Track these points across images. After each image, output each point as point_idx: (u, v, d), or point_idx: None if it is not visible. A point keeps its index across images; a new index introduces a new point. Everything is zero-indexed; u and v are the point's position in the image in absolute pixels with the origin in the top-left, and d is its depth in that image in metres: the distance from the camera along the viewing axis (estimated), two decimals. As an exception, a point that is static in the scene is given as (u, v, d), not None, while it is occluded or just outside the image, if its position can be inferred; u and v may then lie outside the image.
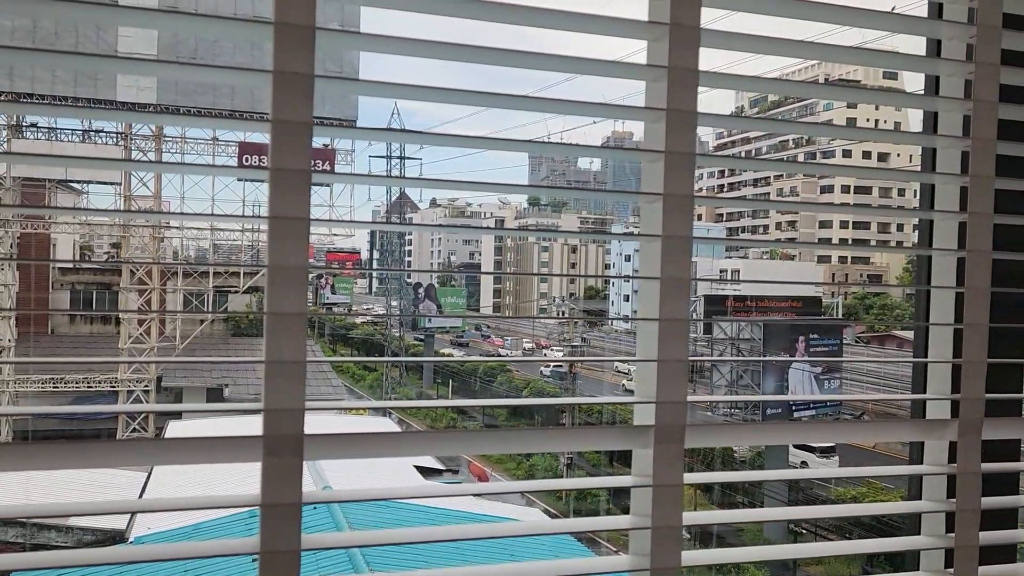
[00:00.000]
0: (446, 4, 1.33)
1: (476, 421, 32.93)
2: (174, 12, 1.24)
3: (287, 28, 1.20)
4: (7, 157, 12.41)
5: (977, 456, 1.60)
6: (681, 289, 1.41)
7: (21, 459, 1.20)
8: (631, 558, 1.43)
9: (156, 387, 25.96)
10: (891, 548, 1.62)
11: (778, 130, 1.68)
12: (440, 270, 58.79)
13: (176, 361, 1.57)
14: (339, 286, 61.24)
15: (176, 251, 36.40)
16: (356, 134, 1.62)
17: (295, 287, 1.23)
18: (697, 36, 1.40)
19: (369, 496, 1.35)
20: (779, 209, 12.86)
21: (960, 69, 1.61)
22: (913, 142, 1.68)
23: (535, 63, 1.39)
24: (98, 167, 1.44)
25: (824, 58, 1.64)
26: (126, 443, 1.26)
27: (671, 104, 1.39)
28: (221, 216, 1.93)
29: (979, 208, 1.59)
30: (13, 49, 1.16)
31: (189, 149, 26.56)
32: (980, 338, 1.59)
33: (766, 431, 1.57)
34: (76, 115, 2.02)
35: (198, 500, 1.28)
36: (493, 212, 79.53)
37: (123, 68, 1.29)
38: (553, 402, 2.83)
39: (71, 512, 1.31)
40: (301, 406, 1.23)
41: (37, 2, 1.18)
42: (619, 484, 1.41)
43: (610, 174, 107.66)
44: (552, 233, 51.05)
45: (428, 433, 1.38)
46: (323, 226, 30.85)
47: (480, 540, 1.37)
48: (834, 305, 46.02)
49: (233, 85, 2.78)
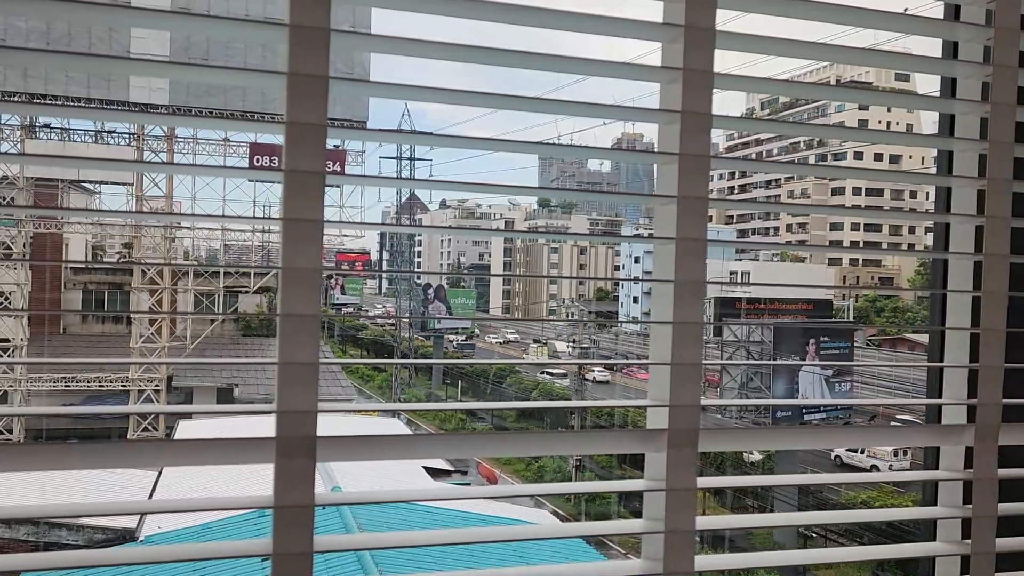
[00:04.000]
0: (460, 6, 1.32)
1: (485, 422, 32.93)
2: (188, 14, 1.24)
3: (301, 30, 1.20)
4: (21, 159, 12.50)
5: (994, 462, 1.58)
6: (695, 292, 1.41)
7: (37, 460, 1.21)
8: (643, 562, 1.42)
9: (167, 386, 26.09)
10: (907, 554, 1.60)
11: (792, 133, 1.67)
12: (449, 272, 58.80)
13: (188, 363, 1.57)
14: (348, 287, 61.36)
15: (187, 251, 36.56)
16: (368, 136, 1.61)
17: (308, 289, 1.22)
18: (712, 38, 1.39)
19: (381, 499, 1.35)
20: (792, 212, 12.24)
21: (977, 71, 1.59)
22: (930, 145, 1.66)
23: (548, 65, 1.39)
24: (111, 168, 1.44)
25: (839, 60, 1.62)
26: (140, 444, 1.26)
27: (685, 106, 1.38)
28: (233, 218, 1.93)
29: (997, 212, 1.57)
30: (28, 51, 1.16)
31: (200, 150, 26.67)
32: (997, 343, 1.58)
33: (779, 436, 1.56)
34: (88, 116, 2.03)
35: (210, 501, 1.28)
36: (503, 213, 79.57)
37: (136, 70, 1.29)
38: (568, 405, 2.82)
39: (84, 513, 1.31)
40: (314, 408, 1.23)
41: (51, 5, 1.18)
42: (632, 488, 1.41)
43: (621, 175, 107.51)
44: (562, 235, 51.00)
45: (440, 436, 1.37)
46: (333, 227, 30.88)
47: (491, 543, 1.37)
48: (845, 308, 45.81)
49: (244, 86, 2.77)
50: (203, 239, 33.89)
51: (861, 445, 1.60)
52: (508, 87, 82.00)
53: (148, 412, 17.62)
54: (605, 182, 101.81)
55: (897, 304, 50.05)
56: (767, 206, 1.57)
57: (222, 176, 27.10)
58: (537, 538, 1.38)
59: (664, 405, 1.39)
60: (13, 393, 24.80)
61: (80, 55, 1.23)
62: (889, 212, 1.62)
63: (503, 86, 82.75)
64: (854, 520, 1.64)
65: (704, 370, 1.45)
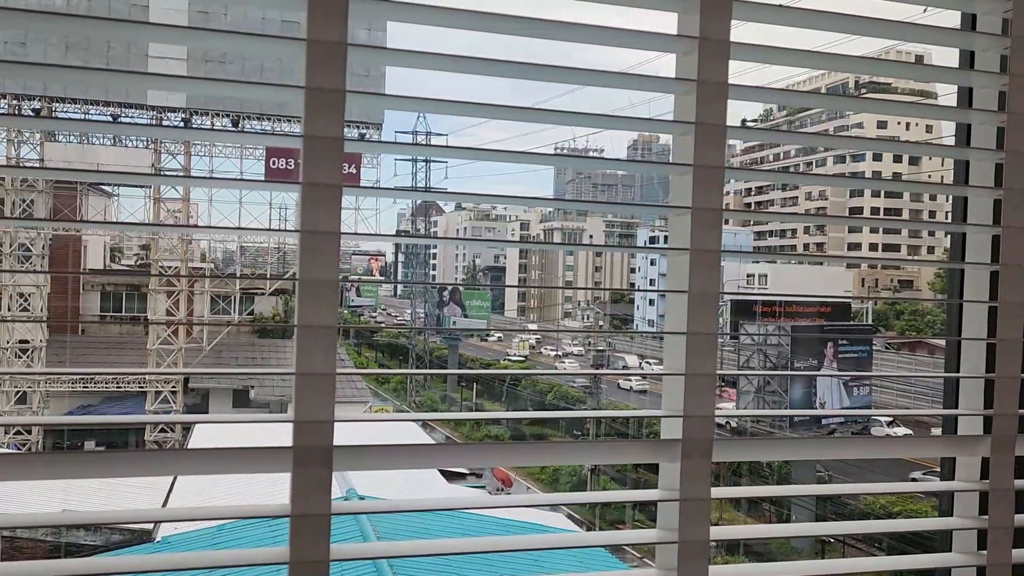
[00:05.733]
0: (479, 20, 1.33)
1: (501, 426, 32.95)
2: (207, 30, 1.26)
3: (319, 45, 1.21)
4: (43, 172, 12.76)
5: (1010, 473, 1.57)
6: (709, 303, 1.41)
7: (56, 469, 1.24)
8: (657, 571, 1.43)
9: (183, 388, 26.25)
10: (923, 565, 1.60)
11: (809, 143, 1.67)
12: (464, 284, 58.69)
13: (206, 373, 1.58)
14: (364, 290, 61.53)
15: (204, 252, 36.82)
16: (384, 148, 1.63)
17: (325, 300, 1.24)
18: (727, 50, 1.39)
19: (398, 508, 1.36)
20: (808, 222, 12.36)
21: (994, 81, 1.59)
22: (946, 155, 1.66)
23: (564, 76, 1.40)
24: (130, 182, 1.46)
25: (855, 70, 1.62)
26: (158, 453, 1.28)
27: (700, 118, 1.39)
28: (250, 229, 1.96)
29: (1014, 221, 1.57)
30: (53, 67, 1.19)
31: (218, 152, 26.84)
32: (1014, 353, 1.57)
33: (795, 446, 1.55)
34: (106, 131, 2.05)
35: (226, 510, 1.30)
36: (518, 215, 79.52)
37: (156, 84, 1.31)
38: (583, 414, 2.83)
39: (103, 521, 1.33)
40: (331, 418, 1.25)
41: (73, 21, 1.20)
42: (646, 498, 1.41)
43: (637, 177, 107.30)
44: (576, 247, 51.02)
45: (456, 446, 1.38)
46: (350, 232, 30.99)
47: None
48: (864, 311, 45.47)
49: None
50: (220, 241, 34.13)
51: (877, 455, 1.59)
52: (521, 89, 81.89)
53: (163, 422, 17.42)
54: (620, 183, 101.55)
55: (917, 307, 49.60)
56: (782, 216, 1.57)
57: (238, 188, 27.28)
58: (554, 547, 1.39)
59: (678, 415, 1.40)
60: (32, 394, 25.04)
61: (102, 71, 1.25)
62: (906, 222, 1.62)
63: (517, 88, 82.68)
64: (871, 531, 1.63)
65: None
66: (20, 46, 22.12)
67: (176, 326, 25.59)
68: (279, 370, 1.35)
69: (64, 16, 1.19)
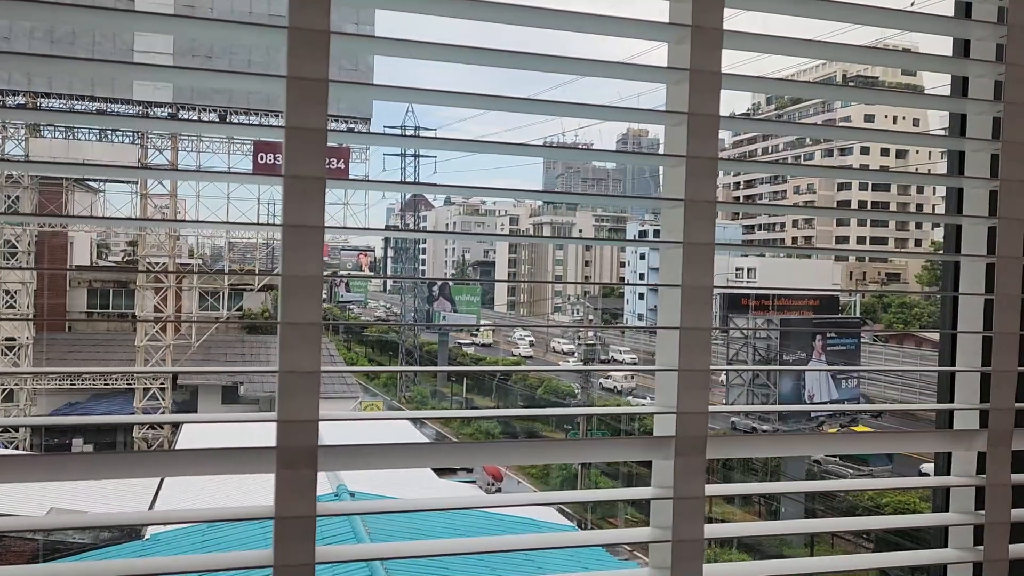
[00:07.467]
0: (465, 7, 1.30)
1: (491, 421, 32.96)
2: (189, 17, 1.22)
3: (301, 33, 1.17)
4: (28, 166, 12.51)
5: (1007, 468, 1.56)
6: (703, 297, 1.38)
7: (41, 471, 1.22)
8: (651, 571, 1.40)
9: (172, 384, 26.10)
10: (919, 561, 1.58)
11: (800, 134, 1.64)
12: (453, 278, 58.64)
13: (193, 372, 1.55)
14: (354, 285, 61.37)
15: (192, 248, 36.61)
16: (371, 140, 1.60)
17: (309, 297, 1.20)
18: (719, 38, 1.37)
19: (387, 509, 1.33)
20: (802, 215, 12.31)
21: (990, 70, 1.56)
22: (941, 145, 1.64)
23: (553, 66, 1.36)
24: (116, 176, 1.42)
25: (848, 59, 1.60)
26: (142, 455, 1.24)
27: (692, 108, 1.36)
28: (235, 224, 1.90)
29: (1010, 212, 1.55)
30: (35, 56, 1.15)
31: (205, 147, 26.67)
32: (1011, 346, 1.55)
33: (788, 442, 1.53)
34: (92, 124, 2.00)
35: (211, 512, 1.26)
36: (508, 210, 79.44)
37: (140, 75, 1.28)
38: (579, 412, 2.80)
39: (91, 524, 1.30)
40: (316, 417, 1.21)
41: (54, 9, 1.16)
42: (639, 496, 1.39)
43: (626, 171, 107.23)
44: (566, 240, 50.99)
45: (444, 445, 1.35)
46: (337, 228, 30.88)
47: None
48: (852, 304, 45.65)
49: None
50: (207, 236, 33.94)
51: (871, 451, 1.57)
52: (512, 82, 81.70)
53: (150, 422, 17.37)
54: (611, 178, 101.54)
55: (904, 300, 49.84)
56: (774, 208, 1.55)
57: (225, 181, 27.18)
58: (548, 547, 1.36)
59: (672, 412, 1.37)
60: (19, 392, 24.86)
61: (86, 60, 1.21)
62: (900, 213, 1.59)
63: (507, 81, 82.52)
64: (864, 528, 1.61)
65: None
66: (4, 40, 21.93)
67: (164, 323, 25.45)
68: (264, 368, 1.32)
69: (46, 3, 1.15)
